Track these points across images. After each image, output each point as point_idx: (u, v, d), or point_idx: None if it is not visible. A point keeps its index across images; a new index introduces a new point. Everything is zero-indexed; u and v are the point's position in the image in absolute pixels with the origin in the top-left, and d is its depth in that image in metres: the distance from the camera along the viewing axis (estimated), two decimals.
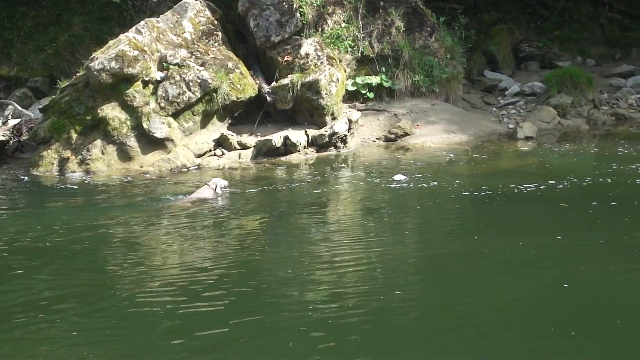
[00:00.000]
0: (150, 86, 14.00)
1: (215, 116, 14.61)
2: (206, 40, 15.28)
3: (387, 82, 16.40)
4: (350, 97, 16.21)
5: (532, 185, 10.15)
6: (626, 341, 5.09)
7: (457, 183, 10.75)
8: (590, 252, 7.08)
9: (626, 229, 7.83)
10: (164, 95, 13.88)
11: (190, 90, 13.96)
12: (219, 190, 10.60)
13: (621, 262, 6.72)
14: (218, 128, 14.65)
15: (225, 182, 10.92)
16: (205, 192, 10.50)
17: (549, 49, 22.27)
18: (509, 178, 10.81)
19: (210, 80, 14.10)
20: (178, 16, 15.28)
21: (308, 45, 15.44)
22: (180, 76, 14.03)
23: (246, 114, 15.27)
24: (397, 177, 11.23)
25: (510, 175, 11.13)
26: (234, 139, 14.25)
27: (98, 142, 13.60)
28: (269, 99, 14.98)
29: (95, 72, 13.47)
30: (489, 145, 14.50)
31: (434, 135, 15.32)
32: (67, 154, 13.56)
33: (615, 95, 19.13)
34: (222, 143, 14.33)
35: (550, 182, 10.31)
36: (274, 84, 15.15)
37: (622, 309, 5.64)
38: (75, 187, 12.02)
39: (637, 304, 5.76)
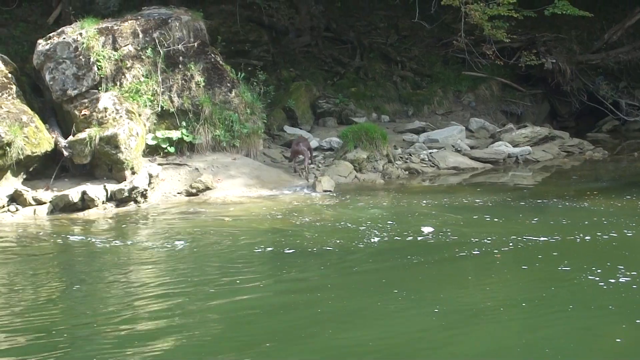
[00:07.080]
0: None
1: (9, 171, 14.09)
2: None
3: (188, 136, 16.46)
4: (151, 151, 16.14)
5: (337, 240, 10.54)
6: None
7: (255, 240, 10.84)
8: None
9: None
10: None
11: None
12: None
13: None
14: (12, 183, 14.11)
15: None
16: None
17: (345, 105, 23.11)
18: (314, 233, 11.09)
19: (3, 135, 13.64)
20: None
21: (106, 99, 15.25)
22: None
23: (42, 169, 14.84)
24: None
25: (313, 229, 11.37)
26: (28, 194, 13.79)
27: None
28: (65, 153, 14.66)
29: None
30: (290, 200, 14.76)
31: (235, 189, 15.44)
32: None
33: (408, 150, 20.03)
34: (16, 199, 13.82)
35: (353, 239, 10.69)
36: (71, 138, 14.82)
37: None
38: None
39: None
